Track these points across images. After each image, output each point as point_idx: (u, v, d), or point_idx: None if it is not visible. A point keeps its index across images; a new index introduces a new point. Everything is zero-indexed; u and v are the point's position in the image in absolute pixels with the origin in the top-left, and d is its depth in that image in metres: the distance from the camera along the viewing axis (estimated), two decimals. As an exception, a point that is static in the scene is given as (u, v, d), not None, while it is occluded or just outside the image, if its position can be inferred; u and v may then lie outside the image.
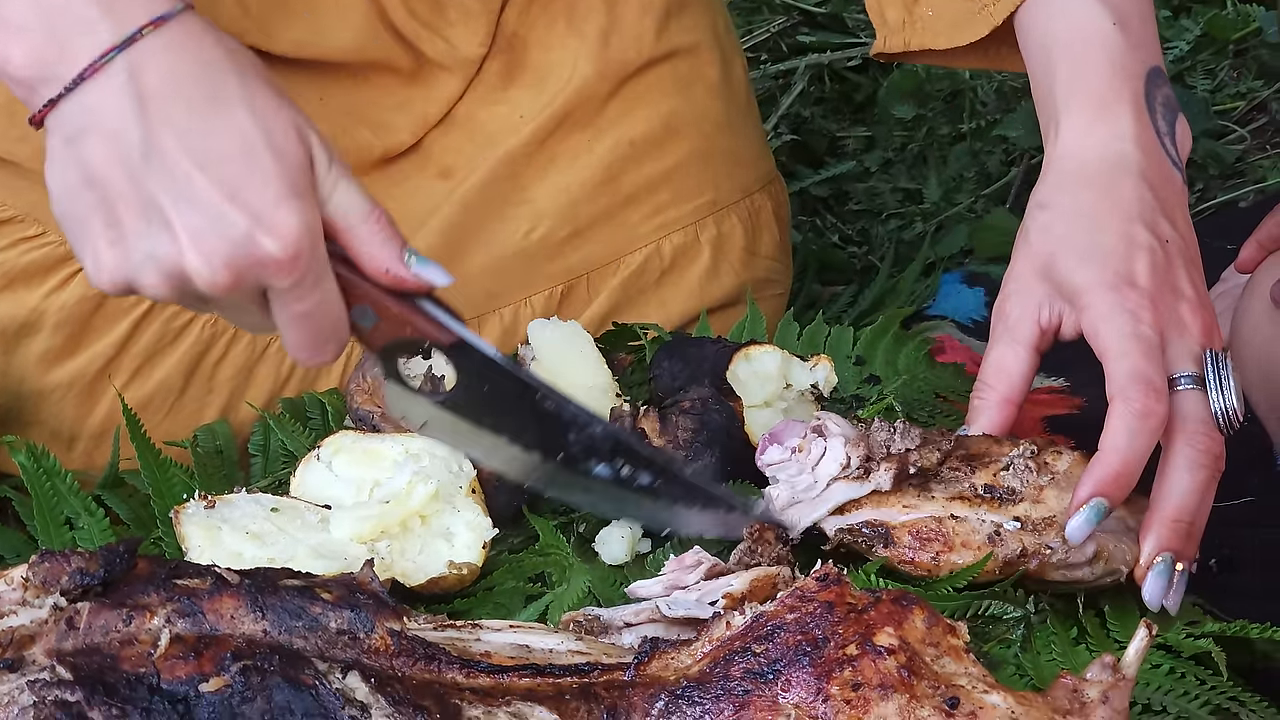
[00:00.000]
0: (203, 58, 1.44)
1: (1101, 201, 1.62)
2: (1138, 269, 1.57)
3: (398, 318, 1.48)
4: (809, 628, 1.25)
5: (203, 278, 1.41)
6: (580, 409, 1.51)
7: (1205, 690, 1.43)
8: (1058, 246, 1.61)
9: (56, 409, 1.98)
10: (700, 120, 2.19)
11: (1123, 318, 1.54)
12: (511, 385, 1.51)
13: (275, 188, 1.41)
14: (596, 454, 1.52)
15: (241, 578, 1.30)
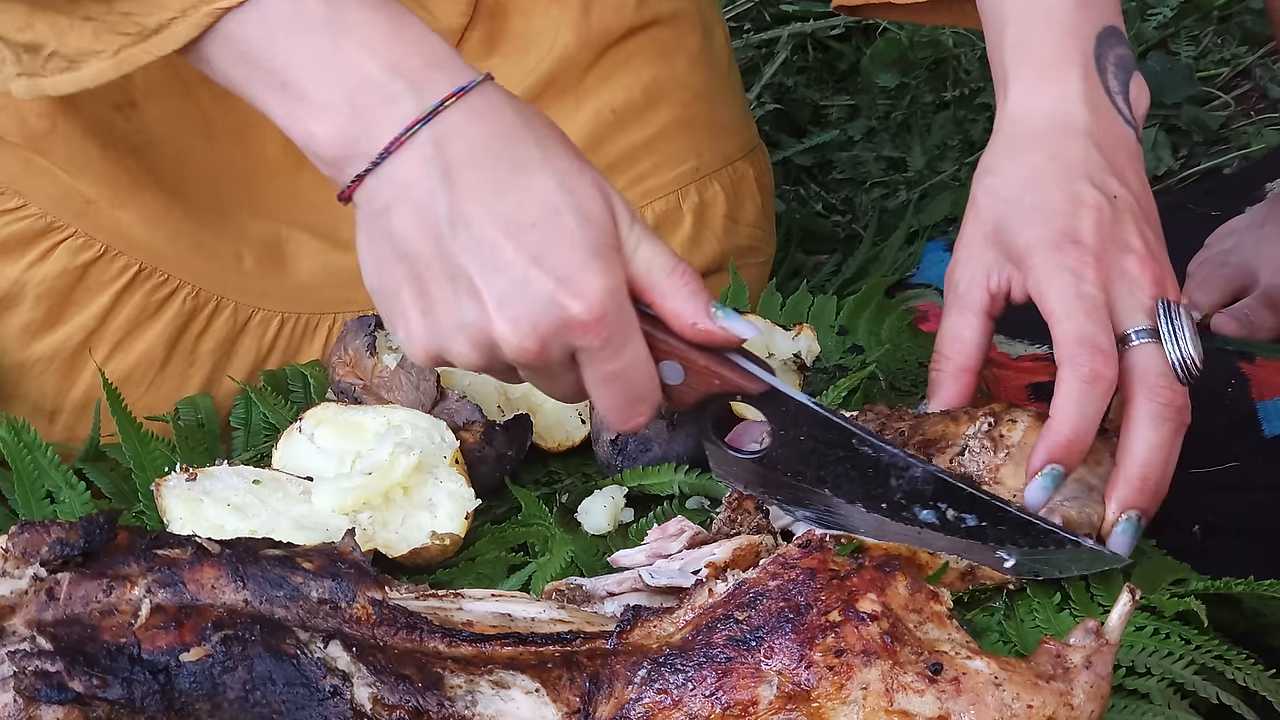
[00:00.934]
0: (504, 126, 1.44)
1: (1047, 162, 1.60)
2: (1082, 226, 1.56)
3: (705, 371, 1.46)
4: (791, 594, 1.25)
5: (510, 344, 1.41)
6: (899, 452, 1.48)
7: (1190, 650, 1.43)
8: (1004, 210, 1.60)
9: (38, 382, 1.98)
10: (682, 88, 2.18)
11: (1065, 277, 1.53)
12: (826, 433, 1.49)
13: (580, 250, 1.40)
14: (919, 499, 1.49)
15: (222, 547, 1.30)
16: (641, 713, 1.24)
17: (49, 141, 1.92)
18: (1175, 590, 1.48)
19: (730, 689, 1.23)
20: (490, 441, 1.68)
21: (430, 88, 1.44)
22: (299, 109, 1.46)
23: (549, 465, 1.78)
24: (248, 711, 1.23)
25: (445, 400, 1.70)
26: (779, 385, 1.48)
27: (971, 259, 1.62)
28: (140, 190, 1.96)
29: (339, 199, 1.48)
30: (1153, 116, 2.95)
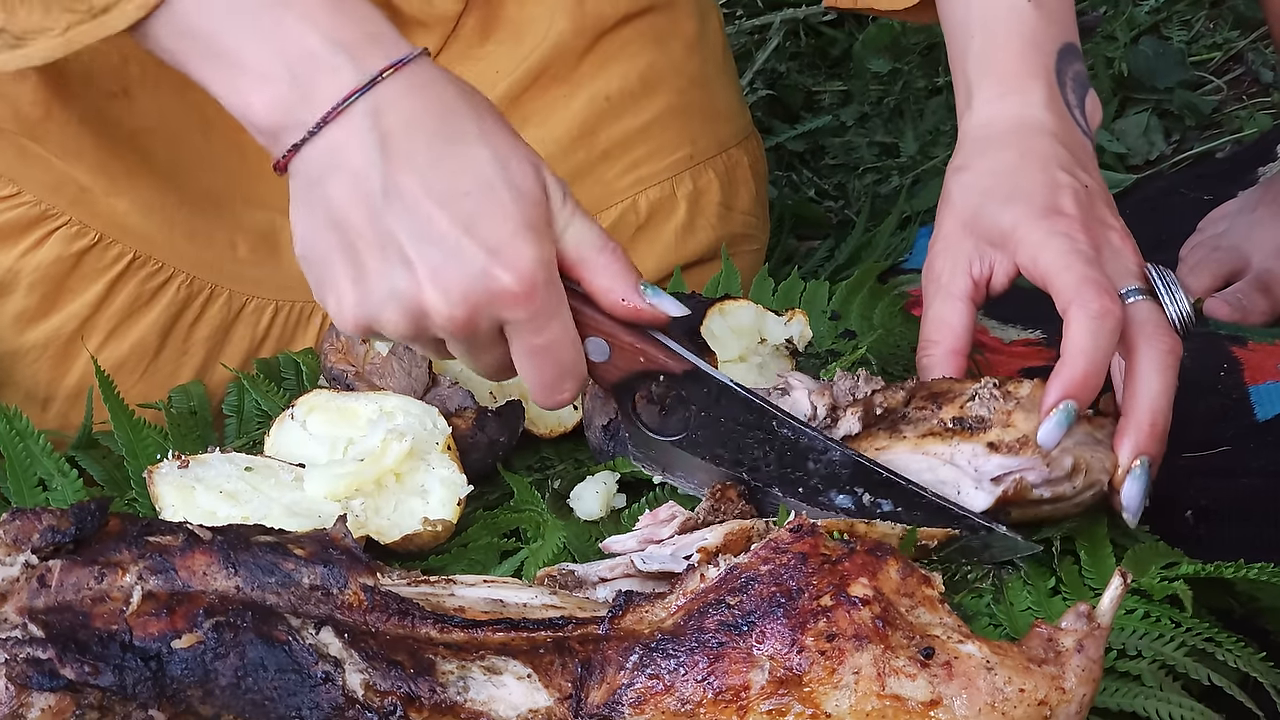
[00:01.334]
0: (441, 100, 1.47)
1: (1019, 158, 1.64)
2: (1063, 202, 1.60)
3: (630, 348, 1.48)
4: (783, 579, 1.25)
5: (441, 314, 1.43)
6: (818, 436, 1.50)
7: (1180, 633, 1.43)
8: (980, 200, 1.64)
9: (31, 370, 1.98)
10: (676, 75, 2.18)
11: (1058, 240, 1.56)
12: (747, 414, 1.50)
13: (512, 222, 1.43)
14: (836, 483, 1.51)
15: (214, 534, 1.30)
16: (634, 698, 1.24)
17: (43, 129, 1.92)
18: (1165, 573, 1.48)
19: (722, 674, 1.23)
20: (482, 428, 1.68)
21: (369, 59, 1.46)
22: (239, 80, 1.48)
23: (541, 451, 1.78)
24: (240, 698, 1.23)
25: (437, 386, 1.70)
26: (702, 365, 1.50)
27: (951, 250, 1.65)
28: (135, 178, 1.96)
29: (275, 169, 1.49)
30: (1144, 101, 2.95)
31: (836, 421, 1.57)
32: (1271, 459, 1.81)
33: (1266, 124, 2.83)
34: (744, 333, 1.78)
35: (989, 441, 1.53)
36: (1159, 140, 2.88)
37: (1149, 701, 1.36)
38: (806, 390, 1.59)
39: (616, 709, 1.24)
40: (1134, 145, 2.86)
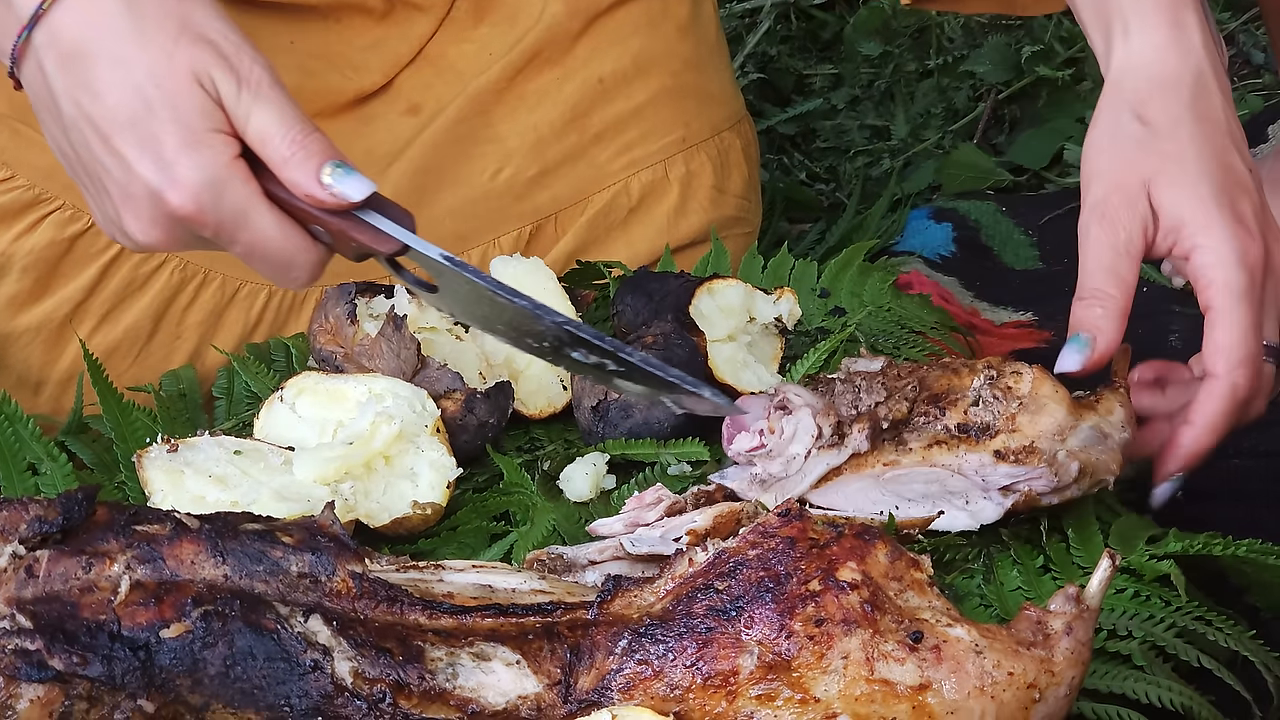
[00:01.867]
0: (102, 20, 1.46)
1: (1200, 124, 1.59)
2: (1244, 209, 1.56)
3: (341, 234, 1.46)
4: (771, 564, 1.25)
5: (143, 236, 1.45)
6: (527, 304, 1.46)
7: (1170, 612, 1.44)
8: (1162, 165, 1.58)
9: (24, 353, 1.98)
10: (669, 58, 2.18)
11: (1239, 274, 1.53)
12: (464, 285, 1.47)
13: (174, 139, 1.43)
14: (562, 344, 1.47)
15: (201, 523, 1.30)
16: (623, 683, 1.24)
17: (37, 113, 1.92)
18: (1153, 551, 1.49)
19: (711, 659, 1.23)
20: (471, 409, 1.68)
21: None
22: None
23: (531, 432, 1.78)
24: (229, 687, 1.23)
25: (426, 368, 1.70)
26: (412, 241, 1.47)
27: (1131, 205, 1.59)
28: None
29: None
30: (1136, 82, 2.94)
31: (844, 439, 1.56)
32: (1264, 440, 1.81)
33: (1258, 105, 2.82)
34: (732, 312, 1.78)
35: (995, 450, 1.52)
36: (1150, 122, 2.87)
37: (1138, 684, 1.37)
38: (810, 410, 1.57)
39: (605, 694, 1.24)
40: (1125, 126, 2.85)
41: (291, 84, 2.05)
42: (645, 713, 1.22)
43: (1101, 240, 1.59)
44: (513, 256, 1.86)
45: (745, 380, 1.74)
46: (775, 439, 1.58)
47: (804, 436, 1.56)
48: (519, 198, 2.09)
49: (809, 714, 1.22)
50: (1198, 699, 1.37)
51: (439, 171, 2.06)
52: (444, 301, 1.50)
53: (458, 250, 2.06)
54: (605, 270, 2.02)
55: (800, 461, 1.56)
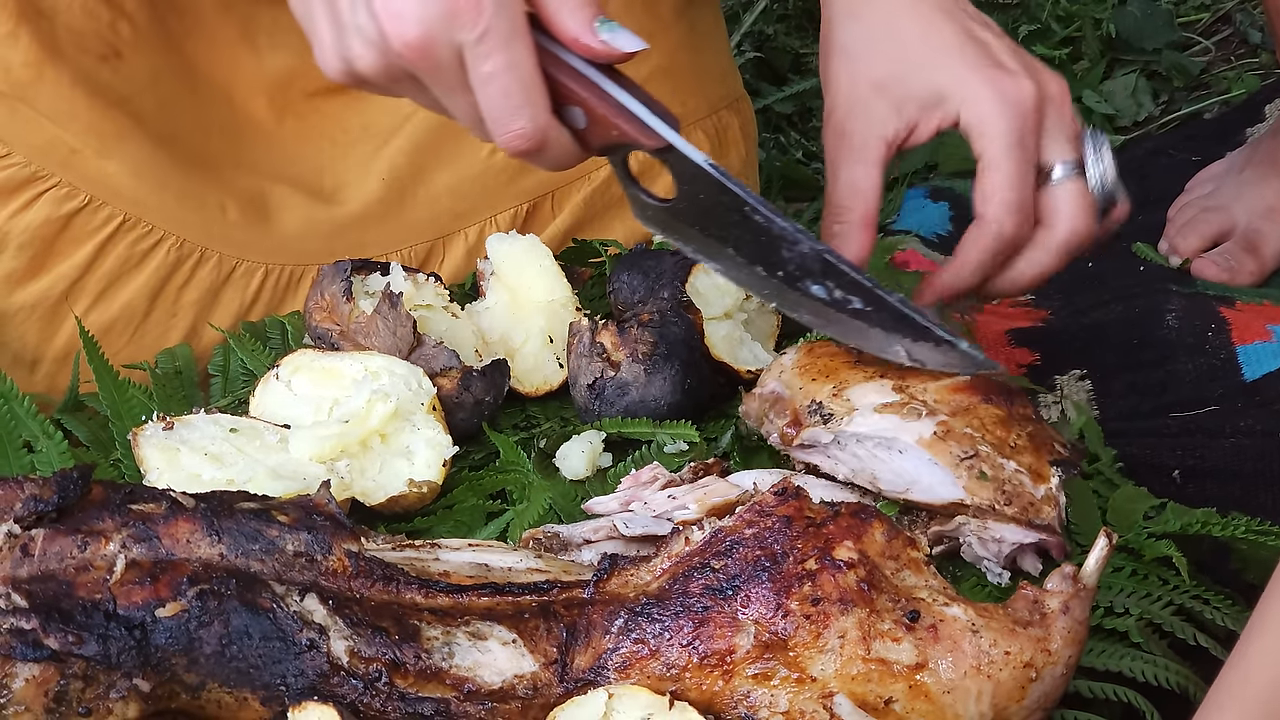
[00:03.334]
0: None
1: (912, 5, 1.61)
2: (996, 54, 1.58)
3: (604, 120, 1.46)
4: (767, 543, 1.25)
5: (399, 38, 1.42)
6: (789, 225, 1.47)
7: (1168, 591, 1.44)
8: (892, 58, 1.61)
9: (19, 331, 1.98)
10: (667, 36, 2.17)
11: (1005, 117, 1.56)
12: (721, 195, 1.47)
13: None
14: (809, 274, 1.48)
15: (197, 502, 1.30)
16: (619, 662, 1.24)
17: (35, 90, 1.92)
18: (1152, 529, 1.48)
19: (707, 638, 1.23)
20: (467, 387, 1.67)
21: None
22: None
23: (527, 410, 1.77)
24: (224, 666, 1.23)
25: (422, 346, 1.69)
26: (677, 142, 1.47)
27: (863, 112, 1.62)
28: (125, 141, 1.96)
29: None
30: (1133, 62, 2.94)
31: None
32: (1259, 418, 1.81)
33: (1254, 85, 2.82)
34: (728, 290, 1.78)
35: None
36: (1147, 101, 2.87)
37: (1135, 663, 1.37)
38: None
39: (601, 673, 1.25)
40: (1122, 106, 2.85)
41: (289, 64, 2.07)
42: (642, 692, 1.22)
43: (837, 152, 1.64)
44: (509, 234, 1.85)
45: (742, 358, 1.73)
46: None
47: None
48: (516, 175, 2.09)
49: (805, 693, 1.22)
50: (1194, 678, 1.37)
51: (436, 149, 2.06)
52: (676, 217, 1.50)
53: (454, 228, 2.07)
54: (601, 249, 2.02)
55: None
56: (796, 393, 1.57)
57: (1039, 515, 1.44)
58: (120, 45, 1.96)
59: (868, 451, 1.49)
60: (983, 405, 1.50)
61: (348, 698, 1.23)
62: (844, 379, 1.55)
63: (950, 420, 1.48)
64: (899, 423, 1.49)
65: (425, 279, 1.79)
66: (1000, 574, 1.46)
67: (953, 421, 1.48)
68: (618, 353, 1.68)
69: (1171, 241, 2.32)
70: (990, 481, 1.45)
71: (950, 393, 1.51)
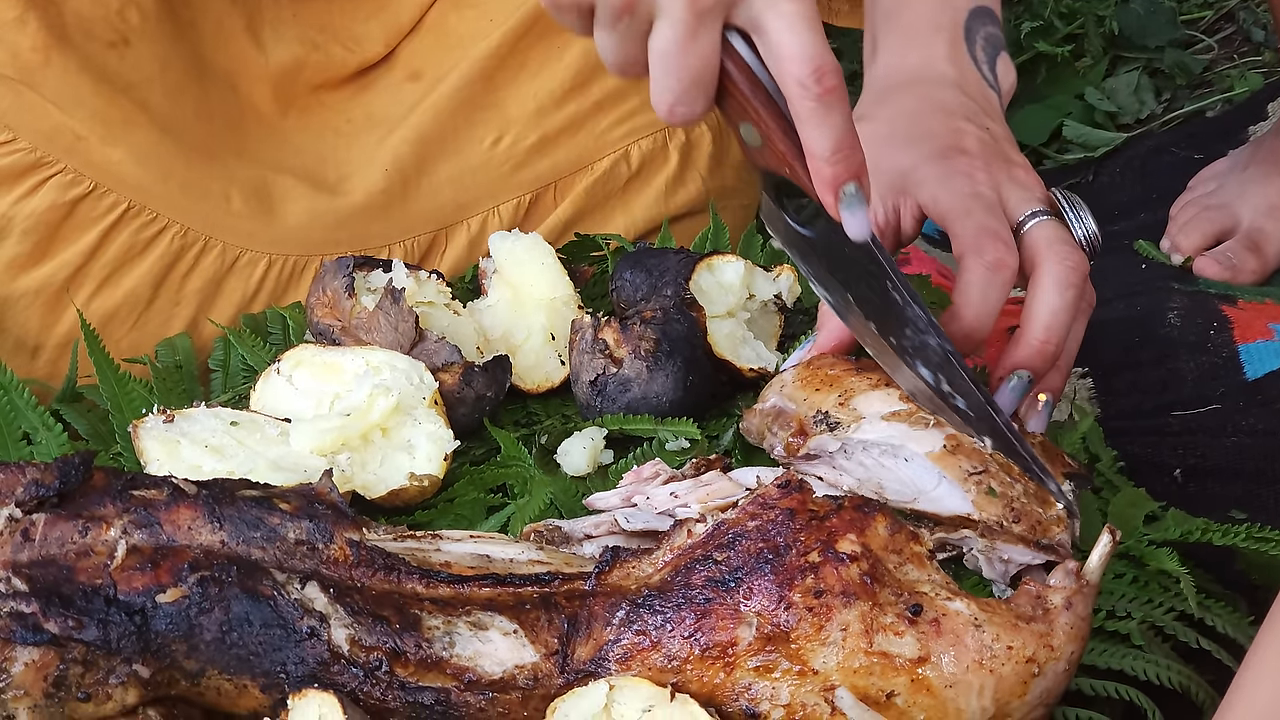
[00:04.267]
0: None
1: (920, 103, 1.63)
2: (966, 142, 1.59)
3: (778, 154, 1.43)
4: (770, 535, 1.25)
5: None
6: (922, 314, 1.45)
7: (1169, 597, 1.43)
8: (882, 147, 1.60)
9: (22, 317, 1.98)
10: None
11: (958, 180, 1.55)
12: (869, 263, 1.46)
13: None
14: (923, 359, 1.47)
15: (199, 488, 1.29)
16: (620, 654, 1.24)
17: (41, 75, 1.92)
18: (1153, 536, 1.48)
19: (709, 630, 1.23)
20: (469, 383, 1.67)
21: None
22: None
23: (528, 406, 1.77)
24: (225, 653, 1.23)
25: (424, 341, 1.69)
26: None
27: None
28: (131, 128, 1.96)
29: None
30: (1135, 59, 2.94)
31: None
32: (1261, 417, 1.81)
33: (1258, 83, 2.82)
34: (732, 288, 1.77)
35: None
36: (1149, 99, 2.87)
37: (1137, 661, 1.36)
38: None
39: (603, 665, 1.24)
40: (1124, 104, 2.85)
41: (294, 56, 2.07)
42: (643, 683, 1.22)
43: None
44: (512, 232, 1.85)
45: (745, 357, 1.73)
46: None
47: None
48: (519, 166, 2.09)
49: (807, 686, 1.21)
50: (1196, 679, 1.37)
51: (440, 139, 2.06)
52: (811, 248, 1.49)
53: (457, 218, 2.07)
54: (603, 244, 2.02)
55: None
56: (801, 405, 1.56)
57: (1047, 535, 1.43)
58: (128, 32, 1.97)
59: (874, 460, 1.48)
60: None
61: (348, 686, 1.23)
62: (849, 388, 1.54)
63: (960, 435, 1.47)
64: (907, 431, 1.48)
65: (427, 276, 1.79)
66: (1004, 589, 1.45)
67: (962, 437, 1.47)
68: (620, 349, 1.68)
69: (1174, 239, 2.32)
70: (999, 498, 1.44)
71: None
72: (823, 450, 1.51)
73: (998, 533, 1.43)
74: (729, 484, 1.49)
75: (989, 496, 1.43)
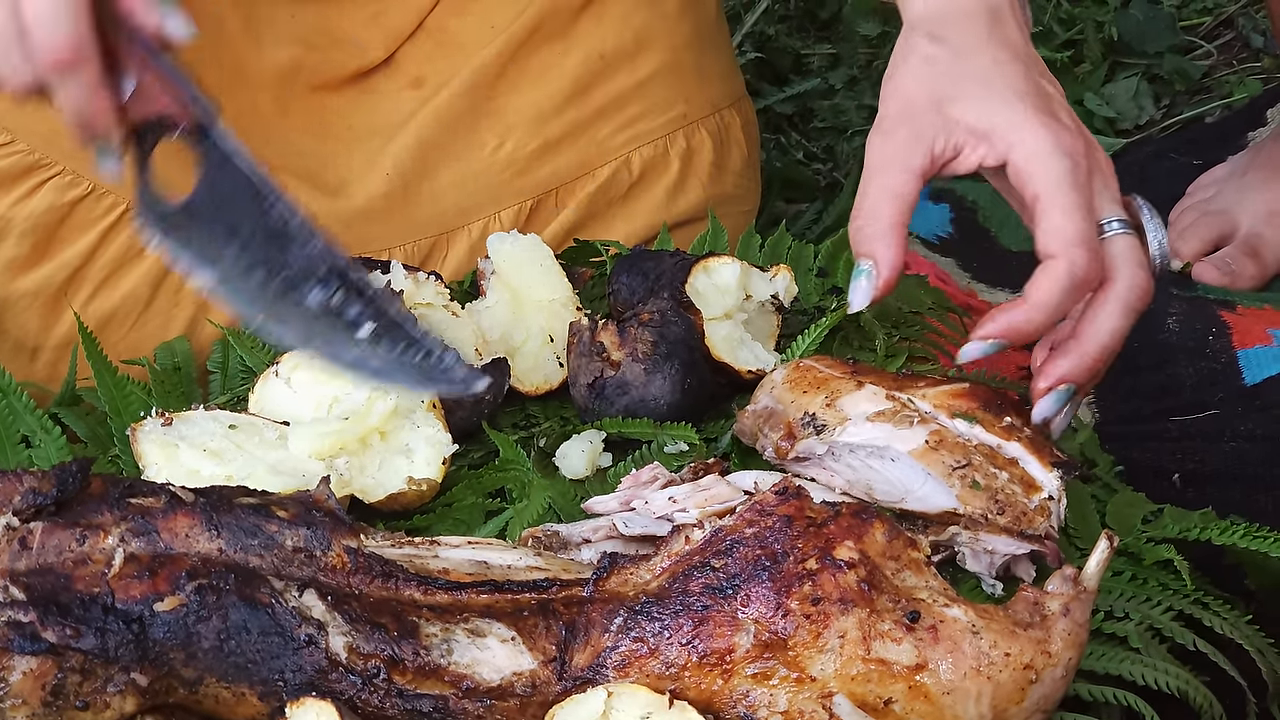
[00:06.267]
0: None
1: (1000, 48, 1.57)
2: (1058, 111, 1.54)
3: (151, 88, 1.44)
4: (768, 542, 1.25)
5: None
6: (307, 222, 1.44)
7: (1167, 595, 1.43)
8: (957, 79, 1.56)
9: (21, 319, 1.98)
10: (670, 34, 2.18)
11: (1061, 161, 1.50)
12: (248, 185, 1.44)
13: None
14: (313, 275, 1.44)
15: (196, 496, 1.29)
16: (618, 660, 1.24)
17: (39, 78, 1.92)
18: (1151, 534, 1.48)
19: (707, 637, 1.23)
20: (468, 386, 1.67)
21: None
22: None
23: (527, 409, 1.77)
24: (222, 661, 1.23)
25: (423, 345, 1.69)
26: (215, 122, 1.45)
27: (915, 120, 1.56)
28: (128, 130, 1.96)
29: None
30: (1134, 65, 2.94)
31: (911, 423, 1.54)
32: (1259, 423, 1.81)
33: (1256, 89, 2.82)
34: (728, 290, 1.77)
35: None
36: (1148, 105, 2.87)
37: (1135, 666, 1.36)
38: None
39: (600, 672, 1.24)
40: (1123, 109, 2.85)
41: (293, 58, 2.07)
42: (640, 690, 1.22)
43: (881, 154, 1.56)
44: (511, 234, 1.85)
45: (742, 358, 1.73)
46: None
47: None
48: (520, 172, 2.09)
49: (805, 693, 1.21)
50: (1193, 682, 1.37)
51: (441, 145, 2.06)
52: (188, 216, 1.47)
53: (458, 224, 2.08)
54: (602, 249, 2.02)
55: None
56: (789, 406, 1.56)
57: (1031, 525, 1.43)
58: None
59: (861, 461, 1.49)
60: (983, 412, 1.49)
61: (346, 694, 1.22)
62: (835, 389, 1.54)
63: (943, 429, 1.47)
64: (891, 431, 1.48)
65: (426, 277, 1.79)
66: (994, 584, 1.45)
67: (945, 431, 1.47)
68: (618, 352, 1.68)
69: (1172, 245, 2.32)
70: (983, 491, 1.44)
71: (949, 398, 1.50)
72: (810, 453, 1.51)
73: (983, 525, 1.43)
74: (727, 488, 1.48)
75: (973, 490, 1.44)
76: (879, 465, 1.48)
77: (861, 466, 1.48)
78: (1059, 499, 1.44)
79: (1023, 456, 1.46)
